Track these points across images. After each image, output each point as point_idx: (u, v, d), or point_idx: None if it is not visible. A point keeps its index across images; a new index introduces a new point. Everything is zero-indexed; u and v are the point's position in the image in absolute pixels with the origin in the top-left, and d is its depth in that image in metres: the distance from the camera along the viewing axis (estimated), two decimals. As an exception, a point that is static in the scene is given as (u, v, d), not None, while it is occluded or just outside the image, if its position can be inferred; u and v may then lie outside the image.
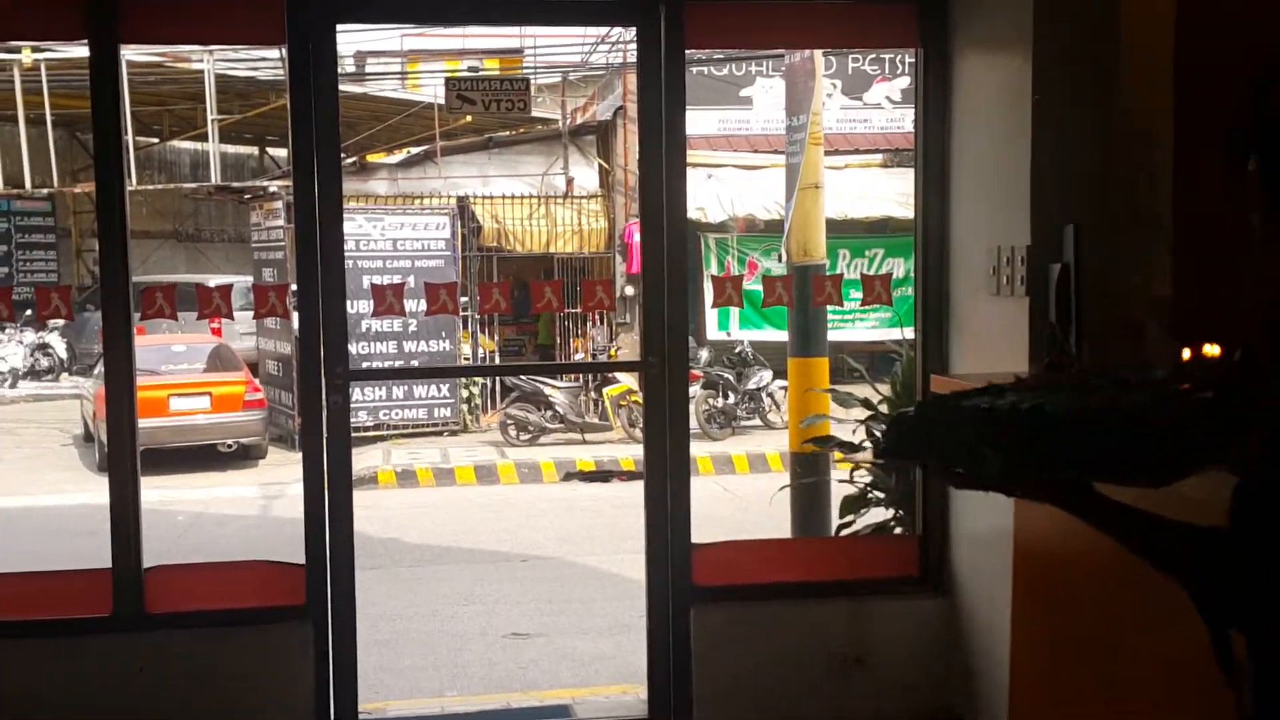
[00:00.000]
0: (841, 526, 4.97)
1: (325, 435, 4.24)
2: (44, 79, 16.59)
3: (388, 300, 4.36)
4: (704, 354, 15.10)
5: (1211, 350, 1.93)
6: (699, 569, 4.41)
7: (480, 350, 15.86)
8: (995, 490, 1.88)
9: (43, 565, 4.78)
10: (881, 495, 4.91)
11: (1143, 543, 1.74)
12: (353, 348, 4.62)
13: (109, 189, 4.19)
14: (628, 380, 14.70)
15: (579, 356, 16.16)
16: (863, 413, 5.01)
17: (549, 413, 14.47)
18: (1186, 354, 2.00)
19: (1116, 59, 3.09)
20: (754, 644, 4.43)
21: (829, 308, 6.44)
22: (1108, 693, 2.49)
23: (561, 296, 4.74)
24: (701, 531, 4.54)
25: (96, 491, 11.62)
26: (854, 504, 4.98)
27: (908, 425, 1.94)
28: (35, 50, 15.84)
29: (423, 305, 4.54)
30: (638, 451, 13.63)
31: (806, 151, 6.58)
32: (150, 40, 4.75)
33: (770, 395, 15.17)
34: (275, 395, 14.90)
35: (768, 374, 15.06)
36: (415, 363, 14.88)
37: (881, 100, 18.19)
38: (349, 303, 4.28)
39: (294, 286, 4.36)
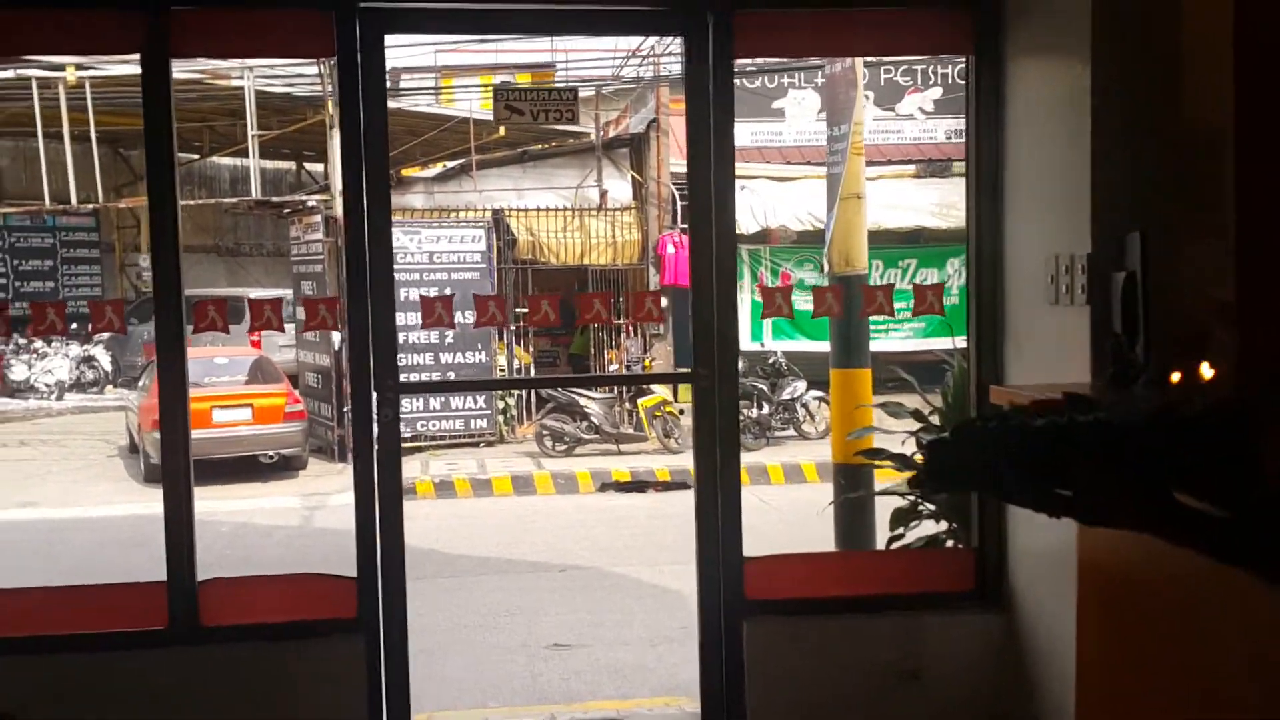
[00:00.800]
0: (892, 539, 4.94)
1: (376, 448, 4.26)
2: (88, 96, 16.81)
3: (436, 312, 4.39)
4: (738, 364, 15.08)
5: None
6: (750, 582, 4.39)
7: (516, 361, 15.92)
8: (1066, 515, 1.82)
9: (94, 577, 4.82)
10: (932, 508, 4.88)
11: (1232, 545, 1.70)
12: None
13: (161, 203, 4.23)
14: (662, 391, 14.75)
15: (613, 367, 16.20)
16: (913, 424, 4.98)
17: (584, 423, 14.52)
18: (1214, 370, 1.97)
19: (1178, 62, 3.04)
20: (807, 658, 4.40)
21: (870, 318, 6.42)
22: (1182, 715, 2.46)
23: (609, 305, 4.75)
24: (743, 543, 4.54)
25: (143, 502, 11.83)
26: (904, 516, 4.95)
27: (948, 452, 1.87)
28: (79, 68, 16.05)
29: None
30: (672, 462, 13.92)
31: (848, 161, 6.56)
32: (200, 55, 4.79)
33: (804, 405, 15.19)
34: (315, 407, 15.03)
35: (801, 384, 15.09)
36: (452, 374, 14.95)
37: (914, 111, 18.14)
38: (390, 315, 4.29)
39: (343, 299, 4.40)
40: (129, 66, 14.55)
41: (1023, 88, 4.25)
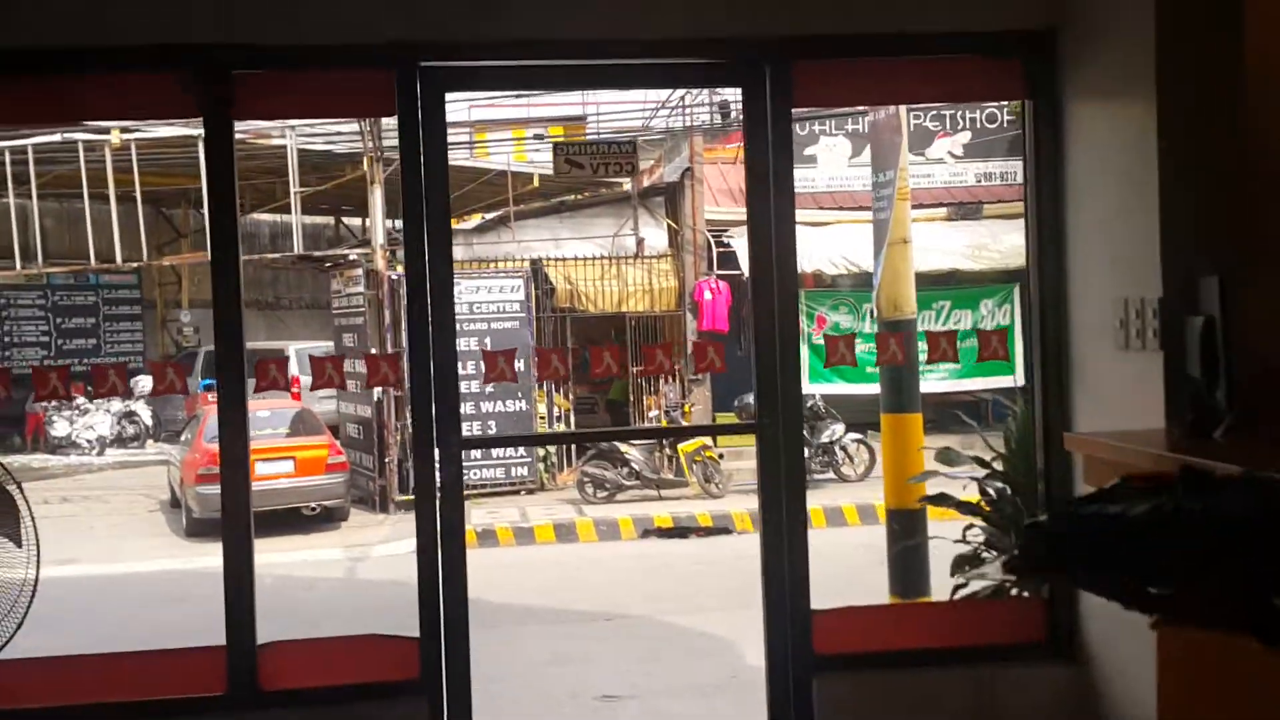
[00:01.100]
0: (957, 588, 4.89)
1: (439, 504, 4.27)
2: (134, 157, 17.11)
3: (499, 367, 4.42)
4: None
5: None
6: (819, 636, 4.36)
7: (556, 409, 15.97)
8: (1160, 615, 1.71)
9: (137, 633, 4.83)
10: (994, 554, 4.83)
11: None
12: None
13: (224, 260, 4.31)
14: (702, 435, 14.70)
15: (652, 414, 16.21)
16: (975, 468, 4.93)
17: (625, 470, 14.51)
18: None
19: (1241, 105, 3.04)
20: (876, 714, 4.35)
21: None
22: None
23: (620, 360, 4.73)
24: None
25: (184, 558, 11.89)
26: (966, 563, 4.91)
27: (1043, 538, 1.75)
28: (124, 130, 16.36)
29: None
30: (714, 507, 13.90)
31: (895, 207, 6.59)
32: (263, 117, 4.88)
33: (844, 448, 15.17)
34: (356, 458, 15.06)
35: (840, 427, 15.06)
36: (493, 423, 14.99)
37: (944, 155, 18.20)
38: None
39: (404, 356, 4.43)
40: (172, 128, 14.83)
41: (1082, 131, 4.24)
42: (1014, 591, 4.72)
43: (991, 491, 4.84)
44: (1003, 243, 17.24)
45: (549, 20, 4.26)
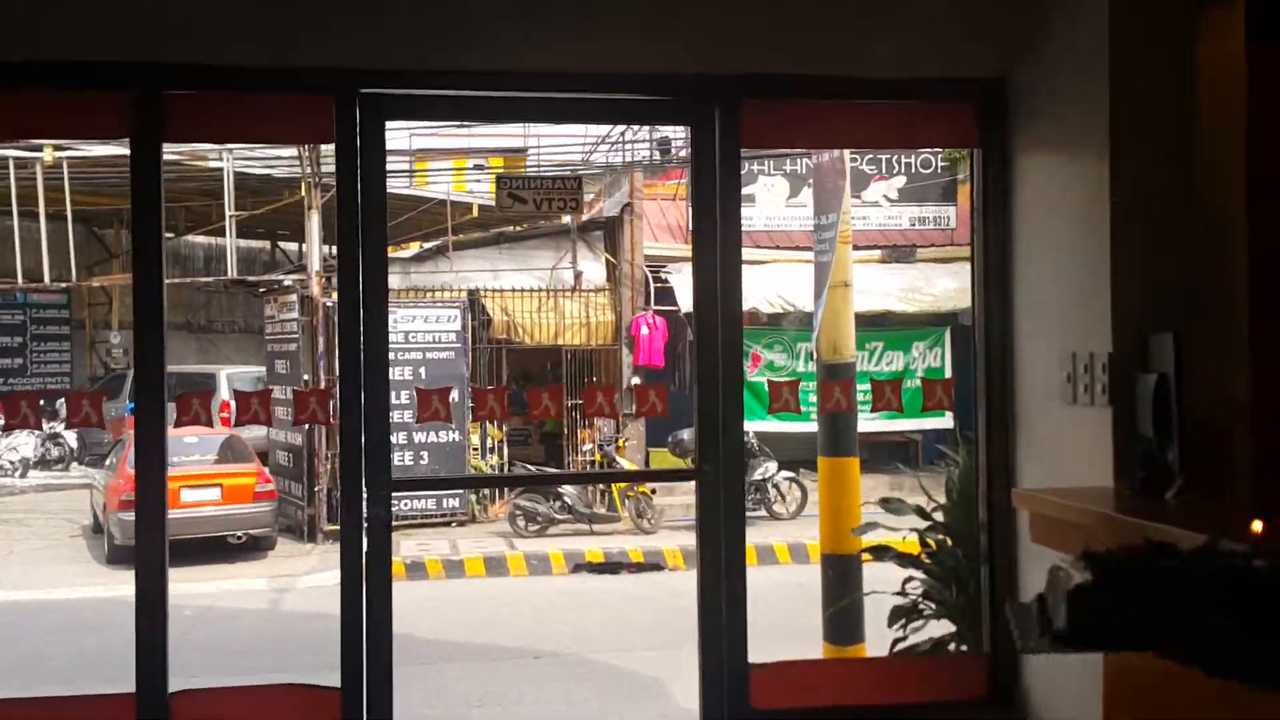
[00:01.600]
0: (896, 641, 4.82)
1: (365, 550, 4.11)
2: (65, 176, 16.79)
3: (433, 406, 4.30)
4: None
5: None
6: (756, 691, 4.25)
7: (489, 440, 15.83)
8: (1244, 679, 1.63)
9: (53, 663, 4.63)
10: (929, 608, 4.78)
11: None
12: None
13: (147, 283, 4.16)
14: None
15: (587, 447, 16.12)
16: (917, 521, 4.87)
17: (558, 503, 14.43)
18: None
19: (1194, 164, 3.03)
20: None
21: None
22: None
23: (558, 401, 4.62)
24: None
25: (106, 585, 11.56)
26: (904, 614, 4.84)
27: (1103, 603, 1.67)
28: (57, 148, 16.06)
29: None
30: (645, 543, 13.81)
31: (836, 250, 6.56)
32: (194, 140, 4.73)
33: (775, 486, 15.22)
34: (285, 485, 14.81)
35: (773, 465, 15.11)
36: (425, 453, 14.80)
37: (879, 199, 18.43)
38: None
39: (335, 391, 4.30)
40: (107, 147, 14.56)
41: (1031, 181, 4.23)
42: (953, 646, 4.67)
43: (932, 543, 4.80)
44: (935, 286, 17.47)
45: (497, 52, 4.19)
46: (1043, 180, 4.17)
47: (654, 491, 14.80)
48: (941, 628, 4.83)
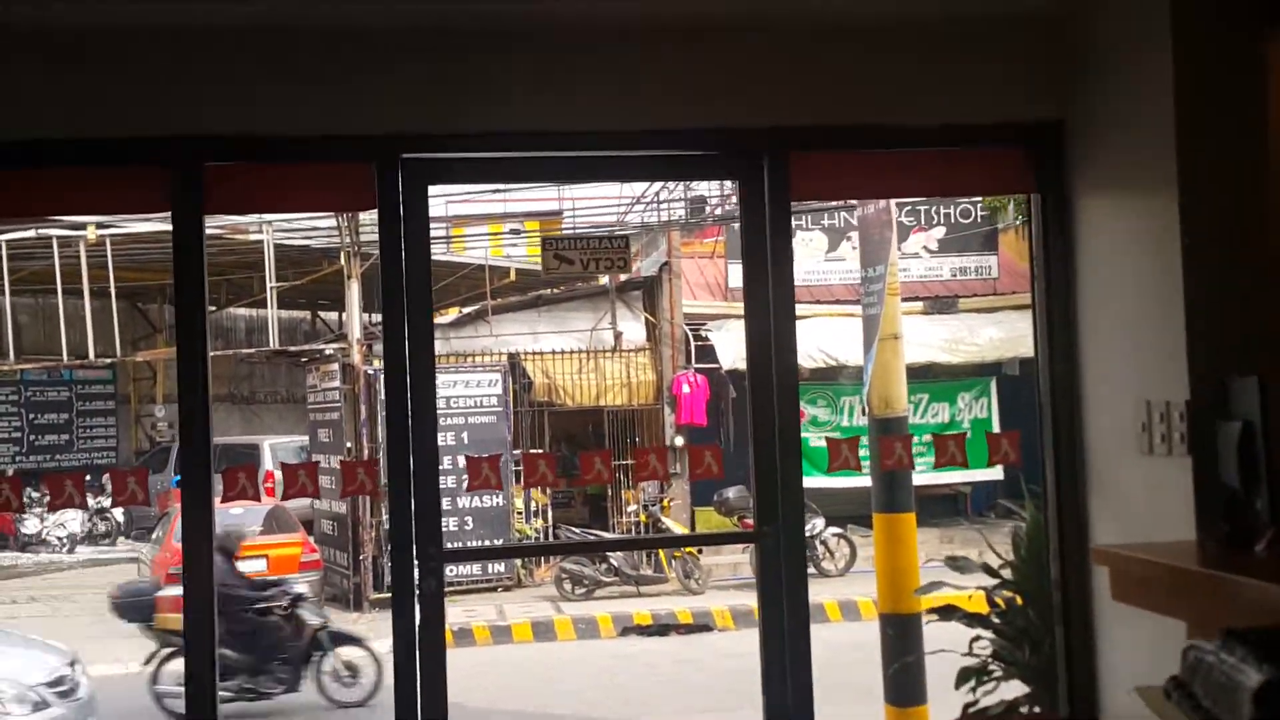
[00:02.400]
0: (968, 706, 4.62)
1: (418, 623, 4.00)
2: (109, 253, 16.99)
3: (483, 474, 4.21)
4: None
5: None
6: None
7: (534, 503, 15.73)
8: None
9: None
10: (998, 669, 4.59)
11: None
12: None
13: (190, 356, 4.10)
14: (681, 529, 14.45)
15: (631, 508, 16.00)
16: (985, 579, 4.69)
17: (604, 566, 14.30)
18: None
19: (1265, 197, 2.90)
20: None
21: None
22: None
23: (610, 465, 4.53)
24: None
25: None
26: (973, 675, 4.66)
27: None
28: (99, 226, 16.27)
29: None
30: (693, 603, 13.64)
31: (885, 302, 6.46)
32: (234, 212, 4.70)
33: (824, 543, 15.05)
34: (330, 554, 14.79)
35: (820, 521, 14.91)
36: (470, 518, 14.73)
37: (919, 250, 18.36)
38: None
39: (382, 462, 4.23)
40: (149, 223, 14.73)
41: (1095, 226, 4.11)
42: (1025, 709, 4.48)
43: (1001, 601, 4.63)
44: (979, 336, 17.32)
45: (537, 111, 4.13)
46: (1106, 223, 4.04)
47: (701, 552, 14.62)
48: (1012, 690, 4.65)
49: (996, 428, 16.39)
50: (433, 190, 4.25)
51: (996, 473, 16.20)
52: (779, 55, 4.19)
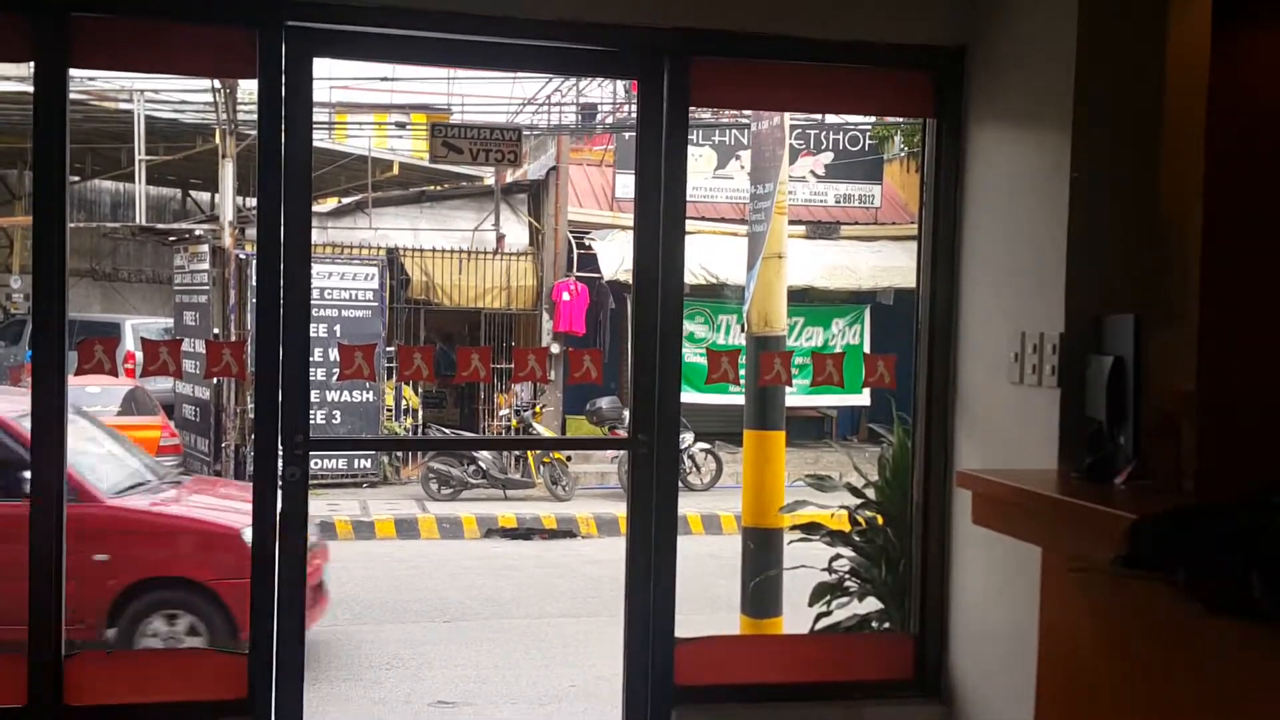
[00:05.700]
0: (820, 616, 4.73)
1: (279, 510, 3.92)
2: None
3: (356, 363, 4.09)
4: (627, 414, 15.03)
5: None
6: (681, 666, 4.15)
7: (405, 402, 15.58)
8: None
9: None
10: (855, 585, 4.70)
11: None
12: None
13: (48, 223, 3.88)
14: (549, 436, 14.45)
15: (503, 412, 15.96)
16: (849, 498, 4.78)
17: (472, 467, 14.27)
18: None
19: (1157, 145, 2.94)
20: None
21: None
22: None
23: (489, 363, 4.44)
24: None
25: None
26: (829, 591, 4.76)
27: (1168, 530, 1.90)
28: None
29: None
30: (559, 509, 13.70)
31: (772, 221, 6.45)
32: (104, 66, 4.40)
33: (691, 457, 15.20)
34: (191, 440, 14.45)
35: (689, 435, 15.06)
36: (338, 413, 14.52)
37: (805, 174, 18.44)
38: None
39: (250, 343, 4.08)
40: (9, 83, 13.95)
41: (986, 155, 4.12)
42: (876, 624, 4.60)
43: (862, 520, 4.72)
44: (858, 264, 17.53)
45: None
46: (999, 155, 4.05)
47: (569, 459, 14.69)
48: (864, 607, 4.77)
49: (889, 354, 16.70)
50: (317, 66, 4.05)
51: (864, 398, 16.60)
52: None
